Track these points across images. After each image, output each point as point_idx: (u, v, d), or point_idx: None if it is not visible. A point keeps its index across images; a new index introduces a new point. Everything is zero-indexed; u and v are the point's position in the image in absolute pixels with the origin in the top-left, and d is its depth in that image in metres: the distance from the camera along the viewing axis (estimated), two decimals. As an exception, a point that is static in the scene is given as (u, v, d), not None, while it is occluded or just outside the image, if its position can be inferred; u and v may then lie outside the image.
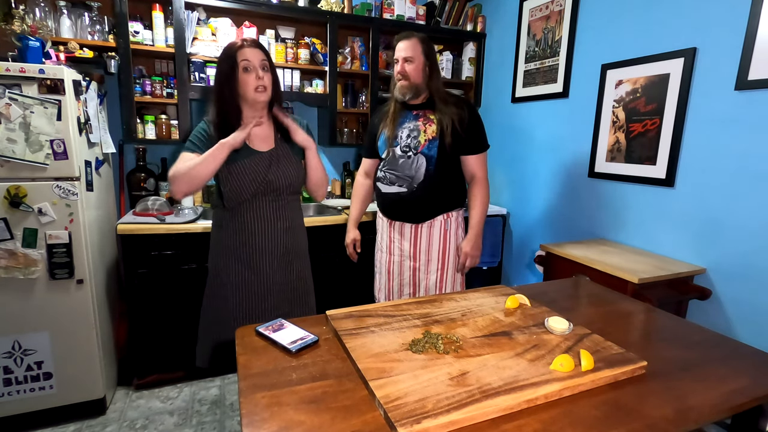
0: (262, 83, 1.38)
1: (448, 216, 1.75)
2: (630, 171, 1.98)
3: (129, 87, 2.11)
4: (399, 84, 1.68)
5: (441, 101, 1.68)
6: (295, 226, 1.55)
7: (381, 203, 1.82)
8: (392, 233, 1.82)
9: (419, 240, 1.76)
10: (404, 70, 1.65)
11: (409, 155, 1.69)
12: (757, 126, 1.53)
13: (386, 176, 1.75)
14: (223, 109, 1.39)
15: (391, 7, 2.67)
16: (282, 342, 0.95)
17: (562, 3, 2.30)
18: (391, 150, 1.74)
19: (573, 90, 2.28)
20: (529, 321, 1.08)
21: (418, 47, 1.65)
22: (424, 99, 1.72)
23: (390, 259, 1.84)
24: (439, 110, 1.67)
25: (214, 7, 2.24)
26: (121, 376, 2.14)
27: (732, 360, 0.97)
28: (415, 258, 1.77)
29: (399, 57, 1.67)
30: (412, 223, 1.75)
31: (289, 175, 1.47)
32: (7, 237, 1.61)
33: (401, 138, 1.72)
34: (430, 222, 1.74)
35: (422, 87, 1.68)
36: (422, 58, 1.66)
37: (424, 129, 1.68)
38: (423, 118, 1.70)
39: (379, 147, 1.81)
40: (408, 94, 1.68)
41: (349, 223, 1.97)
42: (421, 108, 1.72)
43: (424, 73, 1.67)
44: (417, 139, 1.68)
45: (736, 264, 1.61)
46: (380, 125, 1.80)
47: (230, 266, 1.46)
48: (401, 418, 0.69)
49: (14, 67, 1.54)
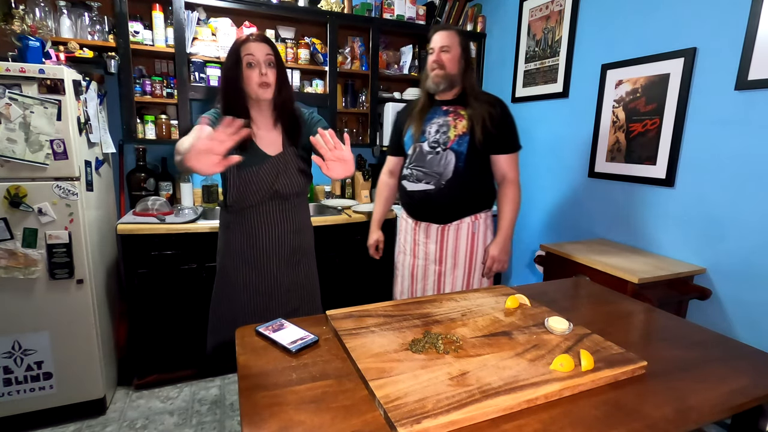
0: (266, 80, 1.29)
1: (477, 217, 1.67)
2: (630, 171, 1.98)
3: (129, 87, 2.11)
4: (433, 73, 1.61)
5: (473, 97, 1.61)
6: (302, 226, 1.52)
7: (406, 202, 1.75)
8: (417, 235, 1.74)
9: (446, 242, 1.68)
10: (440, 58, 1.58)
11: (438, 151, 1.62)
12: (756, 126, 1.53)
13: (413, 173, 1.68)
14: (230, 108, 1.33)
15: (391, 7, 2.67)
16: (282, 342, 0.95)
17: (562, 3, 2.30)
18: (418, 146, 1.67)
19: (573, 90, 2.28)
20: (529, 321, 1.08)
21: (455, 38, 1.60)
22: (455, 94, 1.66)
23: (414, 262, 1.76)
24: (471, 106, 1.60)
25: (214, 7, 2.24)
26: (121, 376, 2.14)
27: (732, 360, 0.96)
28: (441, 261, 1.70)
29: (435, 46, 1.60)
30: (439, 224, 1.68)
31: (297, 183, 1.43)
32: (7, 237, 1.61)
33: (429, 133, 1.64)
34: (457, 223, 1.66)
35: (456, 79, 1.62)
36: (459, 49, 1.60)
37: (454, 124, 1.61)
38: (453, 114, 1.63)
39: (405, 143, 1.75)
40: (442, 84, 1.60)
41: (372, 223, 1.90)
42: (452, 104, 1.65)
43: (460, 65, 1.61)
44: (446, 134, 1.61)
45: (736, 264, 1.61)
46: (407, 121, 1.74)
47: (237, 267, 1.46)
48: (401, 418, 0.69)
49: (14, 67, 1.54)
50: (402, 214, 1.82)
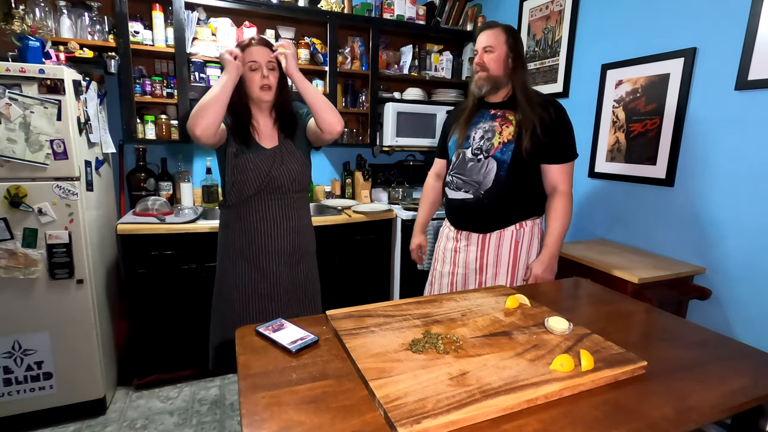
0: (267, 82, 1.38)
1: (522, 225, 1.55)
2: (630, 171, 1.98)
3: (129, 87, 2.11)
4: (476, 76, 1.52)
5: (524, 99, 1.48)
6: (302, 225, 1.54)
7: (447, 209, 1.68)
8: (458, 242, 1.63)
9: (486, 250, 1.57)
10: (482, 60, 1.49)
11: (479, 158, 1.52)
12: (757, 126, 1.53)
13: (453, 180, 1.60)
14: (233, 108, 1.39)
15: (391, 7, 2.67)
16: (282, 342, 0.95)
17: (562, 3, 2.30)
18: (461, 152, 1.58)
19: (573, 90, 2.28)
20: (529, 321, 1.08)
21: (501, 36, 1.49)
22: (505, 96, 1.54)
23: (454, 270, 1.65)
24: (521, 110, 1.47)
25: (214, 7, 2.24)
26: (121, 376, 2.14)
27: (732, 360, 0.96)
28: (482, 271, 1.58)
29: (479, 47, 1.51)
30: (480, 233, 1.58)
31: (293, 170, 1.47)
32: (7, 237, 1.61)
33: (474, 139, 1.55)
34: (499, 232, 1.55)
35: (503, 80, 1.51)
36: (505, 48, 1.48)
37: (500, 130, 1.50)
38: (501, 119, 1.52)
39: (449, 148, 1.67)
40: (485, 86, 1.51)
41: (416, 227, 1.84)
42: (501, 107, 1.54)
43: (506, 65, 1.49)
44: (491, 141, 1.51)
45: (736, 264, 1.61)
46: (453, 124, 1.66)
47: (237, 266, 1.46)
48: (401, 418, 0.69)
49: (14, 67, 1.54)
50: (445, 220, 1.73)
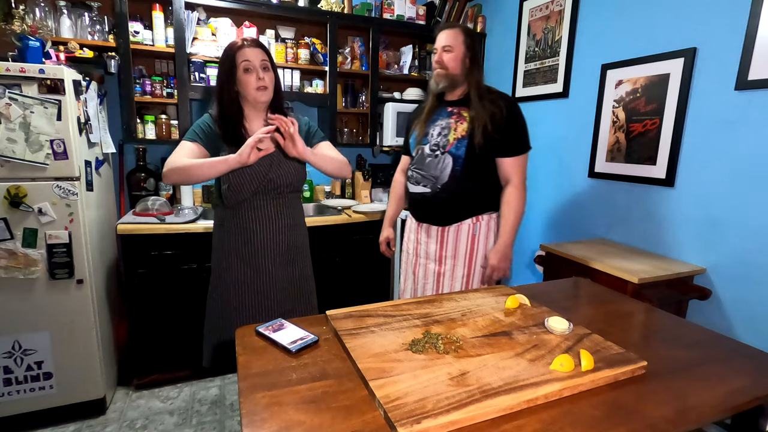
0: (263, 83, 1.38)
1: (478, 219, 1.65)
2: (630, 171, 1.97)
3: (129, 87, 2.11)
4: (435, 73, 1.61)
5: (477, 97, 1.58)
6: (296, 224, 1.55)
7: (409, 203, 1.77)
8: (420, 234, 1.75)
9: (445, 243, 1.67)
10: (441, 58, 1.58)
11: (437, 154, 1.62)
12: (757, 126, 1.53)
13: (413, 175, 1.69)
14: (225, 110, 1.40)
15: (391, 7, 2.67)
16: (282, 342, 0.95)
17: (562, 3, 2.30)
18: (420, 148, 1.68)
19: (573, 90, 2.28)
20: (529, 321, 1.08)
21: (459, 37, 1.58)
22: (461, 94, 1.63)
23: (416, 261, 1.77)
24: (474, 107, 1.57)
25: (214, 7, 2.24)
26: (121, 376, 2.14)
27: (732, 360, 0.96)
28: (441, 262, 1.69)
29: (438, 46, 1.60)
30: (439, 226, 1.68)
31: (290, 173, 1.47)
32: (7, 237, 1.61)
33: (432, 136, 1.65)
34: (457, 225, 1.65)
35: (459, 79, 1.60)
36: (462, 48, 1.58)
37: (455, 127, 1.60)
38: (456, 116, 1.61)
39: (410, 144, 1.76)
40: (443, 83, 1.60)
41: (385, 220, 1.92)
42: (457, 105, 1.64)
43: (463, 64, 1.58)
44: (446, 137, 1.60)
45: (736, 264, 1.61)
46: (415, 122, 1.75)
47: (232, 265, 1.46)
48: (401, 418, 0.69)
49: (14, 67, 1.54)
50: (408, 213, 1.83)
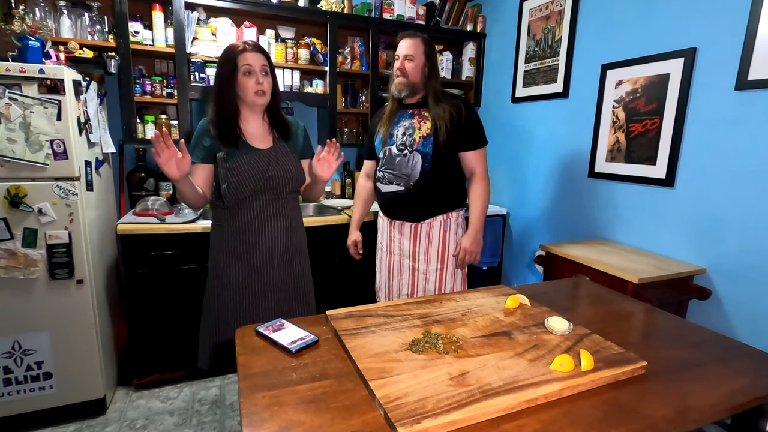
0: (262, 88, 1.40)
1: (448, 216, 1.76)
2: (630, 171, 1.98)
3: (129, 87, 2.11)
4: (396, 80, 1.70)
5: (435, 100, 1.69)
6: (294, 224, 1.55)
7: (381, 203, 1.83)
8: (392, 232, 1.83)
9: (419, 239, 1.76)
10: (403, 67, 1.67)
11: (405, 153, 1.70)
12: (757, 126, 1.53)
13: (384, 176, 1.76)
14: (222, 110, 1.41)
15: (391, 7, 2.67)
16: (282, 342, 0.95)
17: (562, 3, 2.30)
18: (387, 149, 1.75)
19: (573, 90, 2.28)
20: (529, 321, 1.08)
21: (420, 47, 1.67)
22: (420, 98, 1.73)
23: (390, 258, 1.85)
24: (432, 109, 1.68)
25: (214, 7, 2.24)
26: (121, 376, 2.14)
27: (732, 360, 0.97)
28: (415, 257, 1.78)
29: (400, 54, 1.69)
30: (412, 222, 1.76)
31: (289, 171, 1.48)
32: (7, 237, 1.61)
33: (397, 136, 1.73)
34: (429, 221, 1.74)
35: (419, 86, 1.69)
36: (423, 58, 1.67)
37: (419, 126, 1.69)
38: (418, 116, 1.71)
39: (376, 146, 1.83)
40: (404, 91, 1.70)
41: (351, 224, 1.99)
42: (417, 107, 1.73)
43: (423, 73, 1.68)
44: (412, 136, 1.69)
45: (736, 264, 1.61)
46: (378, 125, 1.83)
47: (230, 265, 1.47)
48: (401, 418, 0.69)
49: (14, 67, 1.54)
50: (379, 213, 1.90)
